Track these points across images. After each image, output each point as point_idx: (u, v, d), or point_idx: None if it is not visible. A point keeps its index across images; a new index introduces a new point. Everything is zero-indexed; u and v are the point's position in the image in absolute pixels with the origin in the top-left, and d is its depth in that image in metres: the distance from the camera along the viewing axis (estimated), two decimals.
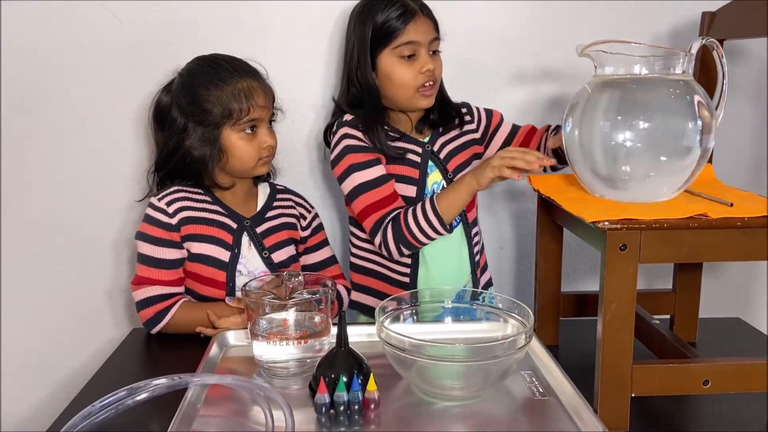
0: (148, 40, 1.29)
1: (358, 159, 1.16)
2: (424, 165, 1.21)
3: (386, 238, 1.14)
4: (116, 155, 1.33)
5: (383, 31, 1.13)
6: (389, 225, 1.14)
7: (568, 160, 0.95)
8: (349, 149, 1.17)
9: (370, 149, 1.18)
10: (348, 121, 1.19)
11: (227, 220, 1.17)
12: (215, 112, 1.11)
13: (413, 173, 1.21)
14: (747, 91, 1.39)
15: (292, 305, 0.91)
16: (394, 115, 1.23)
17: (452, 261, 1.24)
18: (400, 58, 1.14)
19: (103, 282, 1.38)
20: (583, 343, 1.03)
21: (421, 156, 1.21)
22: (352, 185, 1.16)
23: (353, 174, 1.16)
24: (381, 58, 1.15)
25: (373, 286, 1.26)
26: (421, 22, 1.14)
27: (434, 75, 1.16)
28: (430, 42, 1.15)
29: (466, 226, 1.24)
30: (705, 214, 0.82)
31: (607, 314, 0.81)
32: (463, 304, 0.97)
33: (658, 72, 0.88)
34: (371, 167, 1.16)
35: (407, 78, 1.14)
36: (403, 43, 1.13)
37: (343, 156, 1.17)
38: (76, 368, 1.39)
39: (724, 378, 0.84)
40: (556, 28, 1.35)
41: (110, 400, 0.77)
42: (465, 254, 1.25)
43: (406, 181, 1.20)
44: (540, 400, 0.84)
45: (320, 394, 0.79)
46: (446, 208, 1.11)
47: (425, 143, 1.23)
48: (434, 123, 1.24)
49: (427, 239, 1.13)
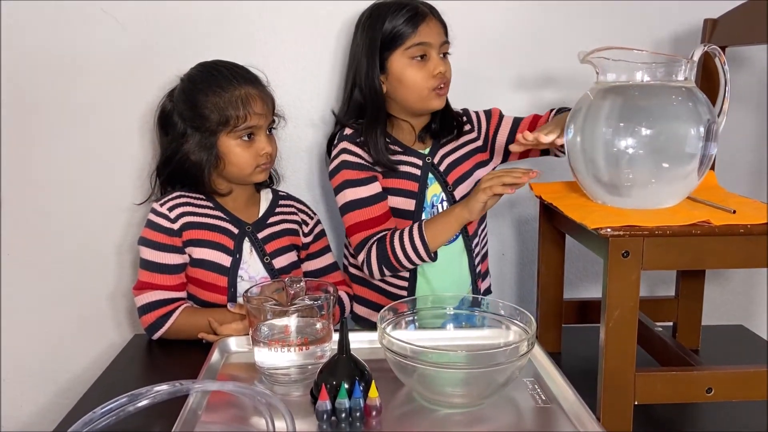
0: (150, 45, 1.30)
1: (353, 176, 1.17)
2: (424, 178, 1.21)
3: (370, 257, 1.15)
4: (119, 160, 1.34)
5: (394, 34, 1.14)
6: (374, 246, 1.14)
7: (571, 167, 0.95)
8: (346, 165, 1.17)
9: (366, 167, 1.18)
10: (348, 136, 1.19)
11: (229, 226, 1.17)
12: (212, 119, 1.11)
13: (412, 186, 1.20)
14: (749, 98, 1.39)
15: (293, 311, 0.91)
16: (397, 124, 1.22)
17: (452, 273, 1.23)
18: (411, 60, 1.14)
19: (105, 287, 1.38)
20: (585, 350, 1.03)
21: (421, 168, 1.21)
22: (344, 200, 1.17)
23: (345, 190, 1.17)
24: (392, 60, 1.15)
25: (370, 297, 1.25)
26: (432, 24, 1.15)
27: (445, 77, 1.16)
28: (440, 45, 1.16)
29: (466, 239, 1.23)
30: (708, 221, 0.81)
31: (609, 321, 0.81)
32: (465, 310, 0.97)
33: (660, 79, 0.88)
34: (364, 185, 1.17)
35: (419, 80, 1.14)
36: (415, 44, 1.13)
37: (339, 170, 1.17)
38: (78, 373, 1.39)
39: (727, 386, 0.84)
40: (557, 35, 1.35)
41: (111, 407, 0.77)
42: (465, 266, 1.24)
43: (405, 195, 1.19)
44: (542, 408, 0.84)
45: (322, 401, 0.78)
46: (433, 237, 1.11)
47: (425, 155, 1.22)
48: (435, 132, 1.23)
49: (410, 264, 1.13)
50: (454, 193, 1.21)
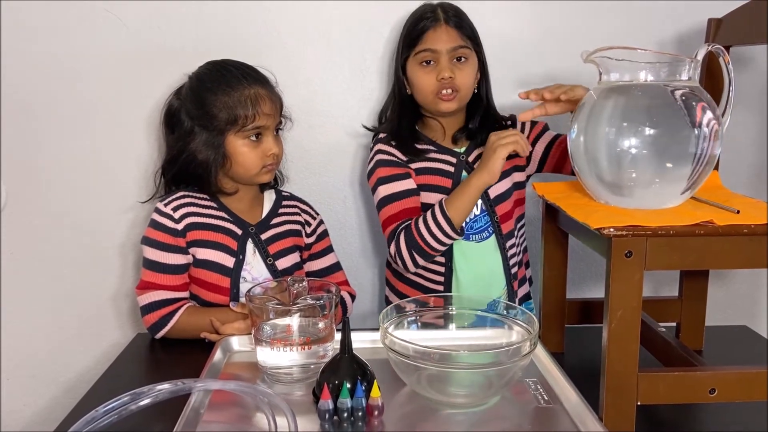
0: (153, 44, 1.30)
1: (386, 173, 1.21)
2: (458, 175, 1.22)
3: (399, 246, 1.16)
4: (123, 160, 1.34)
5: (409, 39, 1.19)
6: (402, 233, 1.16)
7: (573, 167, 0.95)
8: (380, 163, 1.22)
9: (400, 164, 1.22)
10: (382, 138, 1.24)
11: (232, 227, 1.17)
12: (221, 118, 1.11)
13: (446, 182, 1.22)
14: (753, 98, 1.38)
15: (296, 311, 0.91)
16: (428, 123, 1.26)
17: (482, 271, 1.24)
18: (420, 65, 1.19)
19: (108, 286, 1.38)
20: (588, 350, 1.03)
21: (455, 166, 1.22)
22: (378, 198, 1.21)
23: (379, 187, 1.21)
24: (408, 64, 1.21)
25: (407, 292, 1.27)
26: (442, 30, 1.17)
27: (453, 83, 1.17)
28: (451, 50, 1.17)
29: (499, 237, 1.23)
30: (711, 221, 0.81)
31: (612, 321, 0.81)
32: (468, 310, 0.97)
33: (664, 78, 0.87)
34: (397, 181, 1.20)
35: (426, 84, 1.18)
36: (422, 50, 1.17)
37: (375, 170, 1.22)
38: (80, 372, 1.40)
39: (730, 387, 0.83)
40: (561, 35, 1.35)
41: (114, 405, 0.77)
42: (498, 266, 1.24)
43: (438, 191, 1.21)
44: (545, 408, 0.83)
45: (324, 401, 0.78)
46: (455, 210, 1.13)
47: (460, 153, 1.24)
48: (472, 133, 1.24)
49: (439, 245, 1.14)
50: (489, 191, 1.21)
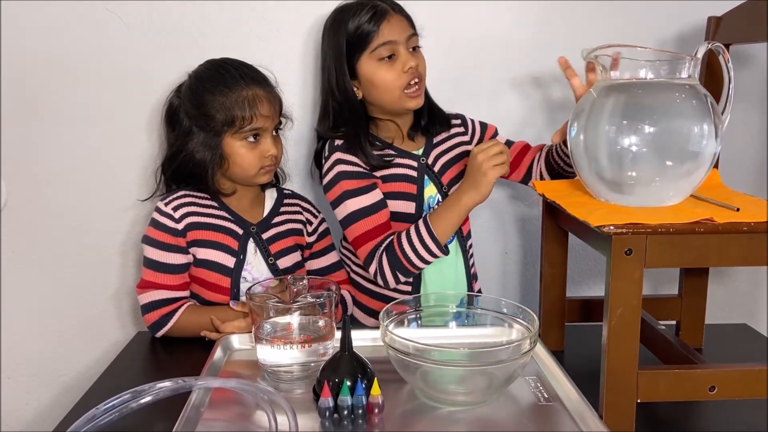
0: (153, 44, 1.30)
1: (353, 185, 1.14)
2: (421, 179, 1.19)
3: (382, 266, 1.12)
4: (123, 158, 1.34)
5: (358, 37, 1.11)
6: (384, 253, 1.12)
7: (573, 165, 0.95)
8: (343, 175, 1.14)
9: (365, 174, 1.15)
10: (339, 146, 1.16)
11: (233, 226, 1.17)
12: (218, 119, 1.10)
13: (411, 189, 1.19)
14: (753, 96, 1.38)
15: (296, 309, 0.91)
16: (382, 125, 1.20)
17: (449, 277, 1.22)
18: (379, 61, 1.12)
19: (108, 285, 1.38)
20: (588, 348, 1.03)
21: (417, 170, 1.20)
22: (346, 212, 1.14)
23: (346, 201, 1.14)
24: (360, 64, 1.13)
25: (371, 306, 1.24)
26: (395, 20, 1.12)
27: (418, 72, 1.13)
28: (407, 39, 1.13)
29: (461, 239, 1.22)
30: (711, 218, 0.81)
31: (612, 319, 0.81)
32: (468, 308, 0.97)
33: (664, 76, 0.87)
34: (365, 193, 1.14)
35: (391, 80, 1.12)
36: (380, 44, 1.11)
37: (337, 182, 1.14)
38: (81, 371, 1.40)
39: (730, 384, 0.83)
40: (560, 33, 1.35)
41: (114, 403, 0.77)
42: (461, 269, 1.24)
43: (404, 198, 1.18)
44: (545, 406, 0.83)
45: (324, 399, 0.79)
46: (443, 230, 1.09)
47: (419, 156, 1.21)
48: (425, 129, 1.22)
49: (424, 263, 1.11)
50: (449, 193, 1.20)
